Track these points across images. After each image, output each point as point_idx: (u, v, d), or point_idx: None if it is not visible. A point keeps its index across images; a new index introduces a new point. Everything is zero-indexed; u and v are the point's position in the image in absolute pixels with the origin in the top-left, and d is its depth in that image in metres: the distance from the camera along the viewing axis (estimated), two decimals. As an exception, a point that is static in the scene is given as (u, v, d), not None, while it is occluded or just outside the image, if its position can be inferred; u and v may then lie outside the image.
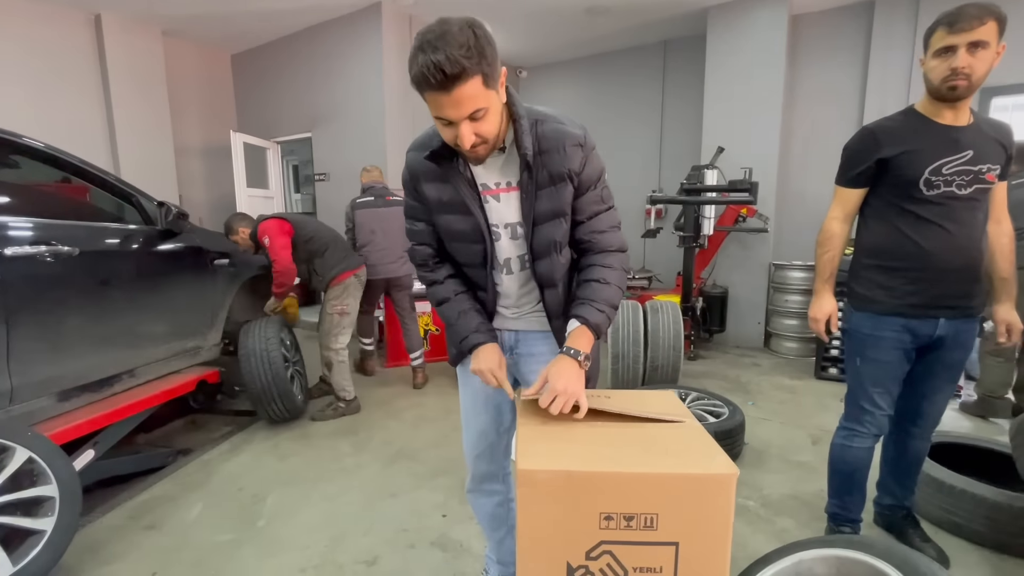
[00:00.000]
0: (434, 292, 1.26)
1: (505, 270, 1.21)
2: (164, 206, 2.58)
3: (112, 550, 1.87)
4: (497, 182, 1.13)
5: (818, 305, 1.70)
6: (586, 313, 1.10)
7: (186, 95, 5.37)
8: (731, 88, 4.47)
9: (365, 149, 4.75)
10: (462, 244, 1.18)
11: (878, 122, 1.58)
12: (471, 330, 1.20)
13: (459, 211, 1.13)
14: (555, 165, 1.07)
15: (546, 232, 1.13)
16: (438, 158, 1.09)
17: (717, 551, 0.88)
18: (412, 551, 1.84)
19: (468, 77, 0.89)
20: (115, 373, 2.35)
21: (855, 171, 1.60)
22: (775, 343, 4.49)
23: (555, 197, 1.10)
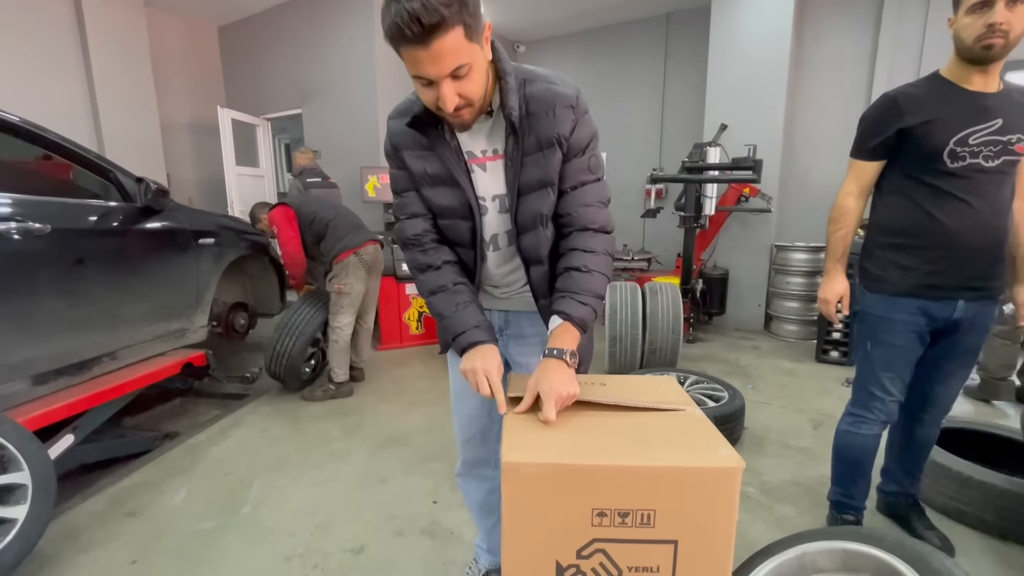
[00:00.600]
0: (427, 279, 1.09)
1: (492, 246, 1.11)
2: (143, 182, 2.47)
3: (92, 537, 1.81)
4: (483, 150, 1.03)
5: (829, 286, 1.61)
6: (568, 308, 0.99)
7: (172, 69, 5.19)
8: (735, 62, 4.32)
9: (358, 125, 4.61)
10: (450, 221, 1.08)
11: (900, 88, 1.46)
12: (471, 325, 1.05)
13: (445, 183, 1.04)
14: (543, 129, 0.97)
15: (532, 204, 1.02)
16: (421, 125, 0.99)
17: (719, 550, 0.81)
18: (400, 539, 1.78)
19: (448, 28, 0.78)
20: (94, 356, 2.27)
21: (873, 142, 1.48)
22: (775, 326, 4.42)
23: (542, 165, 0.99)
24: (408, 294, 4.09)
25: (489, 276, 1.16)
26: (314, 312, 3.16)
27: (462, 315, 1.06)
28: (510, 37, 6.08)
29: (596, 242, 1.03)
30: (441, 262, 1.09)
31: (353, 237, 3.06)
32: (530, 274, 1.11)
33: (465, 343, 1.04)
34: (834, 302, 1.60)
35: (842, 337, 3.60)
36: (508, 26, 5.69)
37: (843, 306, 1.60)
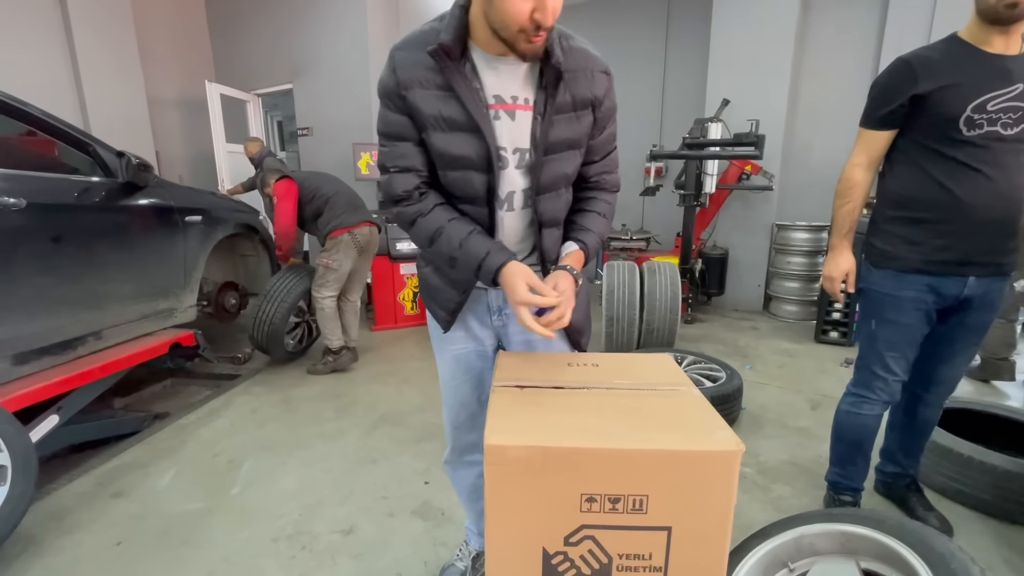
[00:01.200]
0: (421, 227, 0.99)
1: (507, 205, 1.01)
2: (124, 157, 2.38)
3: (77, 518, 1.78)
4: (514, 96, 0.94)
5: (834, 262, 1.54)
6: (586, 238, 1.04)
7: (157, 43, 5.02)
8: (739, 35, 4.18)
9: (350, 101, 4.49)
10: (461, 173, 0.96)
11: (915, 52, 1.38)
12: (487, 249, 0.94)
13: (463, 129, 0.92)
14: (580, 88, 0.94)
15: (557, 164, 0.98)
16: (446, 56, 0.88)
17: (715, 536, 0.77)
18: (391, 520, 1.75)
19: None
20: (78, 335, 2.22)
21: (885, 109, 1.40)
22: (775, 306, 4.37)
23: (574, 125, 0.96)
24: (403, 274, 4.02)
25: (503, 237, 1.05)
26: (297, 280, 3.12)
27: (470, 246, 0.95)
28: (507, 9, 5.90)
29: (613, 198, 1.11)
30: (432, 206, 0.99)
31: (350, 216, 3.00)
32: (542, 237, 1.04)
33: (491, 268, 0.94)
34: (839, 279, 1.53)
35: (842, 318, 3.55)
36: (505, -2, 5.51)
37: (848, 284, 1.54)
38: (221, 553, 1.61)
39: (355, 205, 3.10)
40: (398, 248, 3.94)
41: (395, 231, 3.96)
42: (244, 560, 1.57)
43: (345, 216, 2.99)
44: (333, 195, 3.02)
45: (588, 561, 0.78)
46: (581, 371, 0.95)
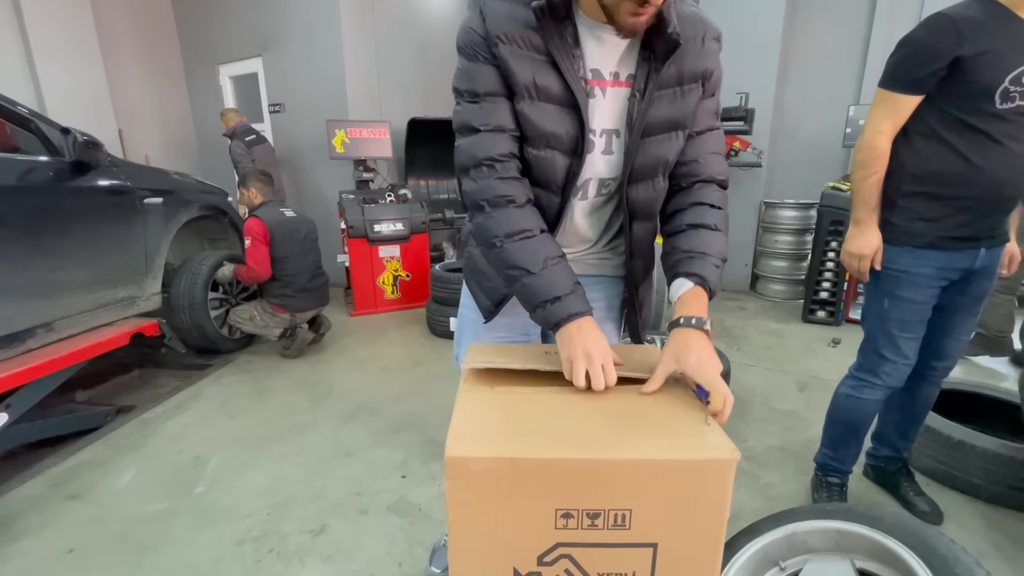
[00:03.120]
0: (504, 217, 0.82)
1: (580, 193, 0.90)
2: (70, 134, 2.20)
3: (27, 523, 1.66)
4: (613, 72, 0.82)
5: (864, 238, 1.39)
6: (703, 270, 0.81)
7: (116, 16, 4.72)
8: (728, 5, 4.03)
9: (322, 77, 4.27)
10: (546, 152, 0.83)
11: (955, 8, 1.22)
12: (567, 290, 0.80)
13: (559, 102, 0.80)
14: (689, 60, 0.81)
15: (656, 148, 0.84)
16: (552, 14, 0.75)
17: (706, 553, 0.68)
18: (365, 517, 1.67)
19: None
20: (26, 328, 2.06)
21: (923, 71, 1.24)
22: (762, 286, 4.33)
23: (678, 103, 0.82)
24: (382, 257, 3.88)
25: (564, 232, 0.95)
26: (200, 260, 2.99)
27: (554, 275, 0.80)
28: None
29: (719, 196, 0.89)
30: (525, 198, 0.84)
31: (300, 302, 3.02)
32: (633, 231, 0.93)
33: (561, 315, 0.79)
34: (870, 257, 1.40)
35: (829, 297, 3.51)
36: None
37: (877, 262, 1.41)
38: (182, 558, 1.51)
39: (312, 287, 3.08)
40: (376, 230, 3.79)
41: (372, 212, 3.81)
42: (206, 565, 1.48)
43: (295, 301, 3.00)
44: (294, 274, 2.98)
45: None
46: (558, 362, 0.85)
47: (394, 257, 3.92)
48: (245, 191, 3.07)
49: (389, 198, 4.04)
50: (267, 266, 2.91)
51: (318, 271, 3.15)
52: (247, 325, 3.01)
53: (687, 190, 0.90)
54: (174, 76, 5.30)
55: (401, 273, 3.98)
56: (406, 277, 4.00)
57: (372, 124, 4.12)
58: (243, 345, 3.23)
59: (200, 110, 5.38)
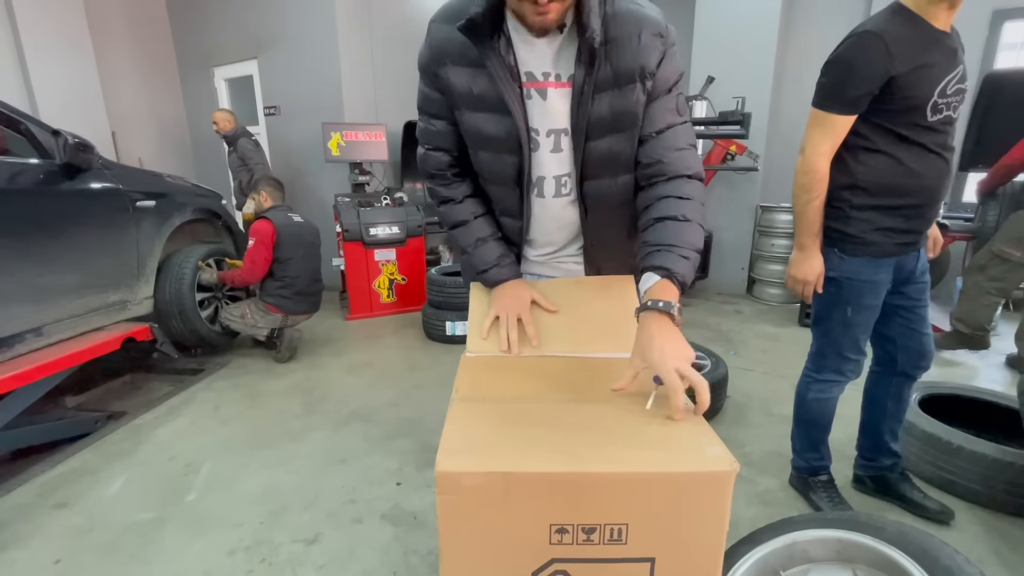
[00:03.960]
0: (448, 212, 1.02)
1: (536, 190, 0.94)
2: (60, 136, 2.17)
3: (12, 533, 1.63)
4: (546, 72, 0.85)
5: (808, 264, 1.42)
6: (667, 262, 0.80)
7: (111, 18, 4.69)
8: (724, 12, 4.04)
9: (318, 79, 4.25)
10: (491, 154, 0.91)
11: (878, 26, 1.22)
12: (491, 263, 0.99)
13: (493, 108, 0.85)
14: (625, 58, 0.80)
15: (602, 147, 0.87)
16: (475, 31, 0.80)
17: (705, 568, 0.66)
18: (359, 526, 1.64)
19: None
20: (15, 332, 2.03)
21: (859, 91, 1.25)
22: (758, 289, 4.33)
23: (619, 101, 0.83)
24: (377, 260, 3.86)
25: (535, 229, 1.01)
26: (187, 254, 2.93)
27: (483, 250, 0.99)
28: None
29: (690, 187, 0.87)
30: (462, 196, 1.01)
31: (296, 304, 3.03)
32: (587, 223, 0.96)
33: (491, 281, 0.99)
34: (815, 282, 1.44)
35: (826, 300, 3.50)
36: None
37: (819, 286, 1.46)
38: (172, 568, 1.48)
39: (309, 292, 3.09)
40: (371, 233, 3.77)
41: (368, 215, 3.79)
42: (196, 575, 1.45)
43: (291, 303, 3.00)
44: (295, 277, 2.99)
45: (560, 599, 0.67)
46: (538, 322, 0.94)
47: (390, 260, 3.90)
48: (256, 195, 3.11)
49: (385, 201, 4.02)
50: (262, 271, 2.90)
51: (316, 278, 3.14)
52: (237, 323, 2.99)
53: (653, 187, 0.89)
54: (169, 78, 5.26)
55: (397, 277, 3.96)
56: (402, 281, 3.98)
57: (368, 127, 4.11)
58: (233, 336, 3.21)
59: (195, 112, 5.35)
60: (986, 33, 3.65)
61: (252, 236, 2.87)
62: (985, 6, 3.61)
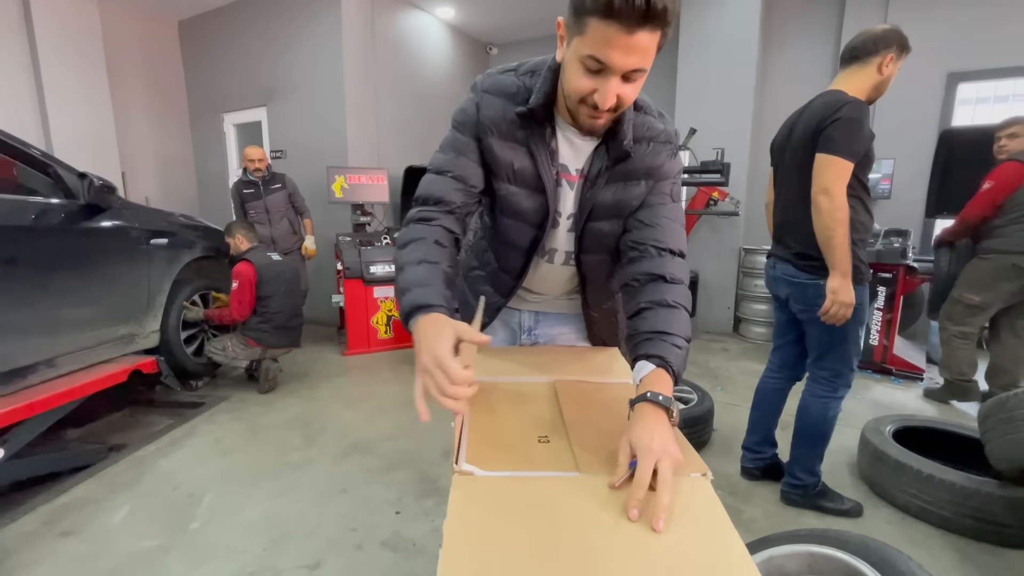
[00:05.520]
0: (411, 230, 0.90)
1: (547, 258, 1.06)
2: (86, 178, 2.32)
3: (19, 560, 1.66)
4: (578, 168, 0.95)
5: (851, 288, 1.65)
6: (664, 352, 0.78)
7: (128, 65, 4.96)
8: (704, 69, 4.38)
9: (324, 125, 4.49)
10: (518, 223, 0.98)
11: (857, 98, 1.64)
12: (421, 283, 0.80)
13: (531, 186, 0.94)
14: (636, 161, 0.92)
15: (600, 228, 0.98)
16: (531, 119, 0.89)
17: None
18: (360, 553, 1.69)
19: (660, 25, 0.71)
20: (29, 363, 2.11)
21: (863, 146, 1.61)
22: (744, 328, 4.48)
23: (623, 192, 0.94)
24: (376, 297, 3.98)
25: (532, 281, 1.10)
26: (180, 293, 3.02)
27: (419, 271, 0.83)
28: (483, 39, 6.05)
29: (678, 269, 0.89)
30: (439, 224, 0.90)
31: (276, 338, 3.16)
32: (586, 290, 1.09)
33: (410, 304, 0.78)
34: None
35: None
36: (481, 28, 5.66)
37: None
38: (177, 594, 1.52)
39: (289, 327, 3.23)
40: (371, 271, 3.91)
41: (368, 254, 3.94)
42: (201, 600, 1.49)
43: (270, 337, 3.14)
44: (275, 312, 3.14)
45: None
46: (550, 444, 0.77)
47: (388, 297, 4.02)
48: (232, 239, 3.20)
49: (385, 241, 4.19)
50: (248, 310, 3.06)
51: (296, 313, 3.29)
52: (219, 355, 3.11)
53: (637, 261, 0.91)
54: (179, 122, 5.51)
55: (394, 313, 4.07)
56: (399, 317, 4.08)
57: (370, 171, 4.32)
58: (216, 367, 3.33)
59: (202, 155, 5.56)
60: (943, 93, 3.99)
61: (235, 278, 3.02)
62: (941, 70, 3.96)
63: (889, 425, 2.18)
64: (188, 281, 3.08)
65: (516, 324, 1.19)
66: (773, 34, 4.50)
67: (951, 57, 3.92)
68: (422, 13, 5.15)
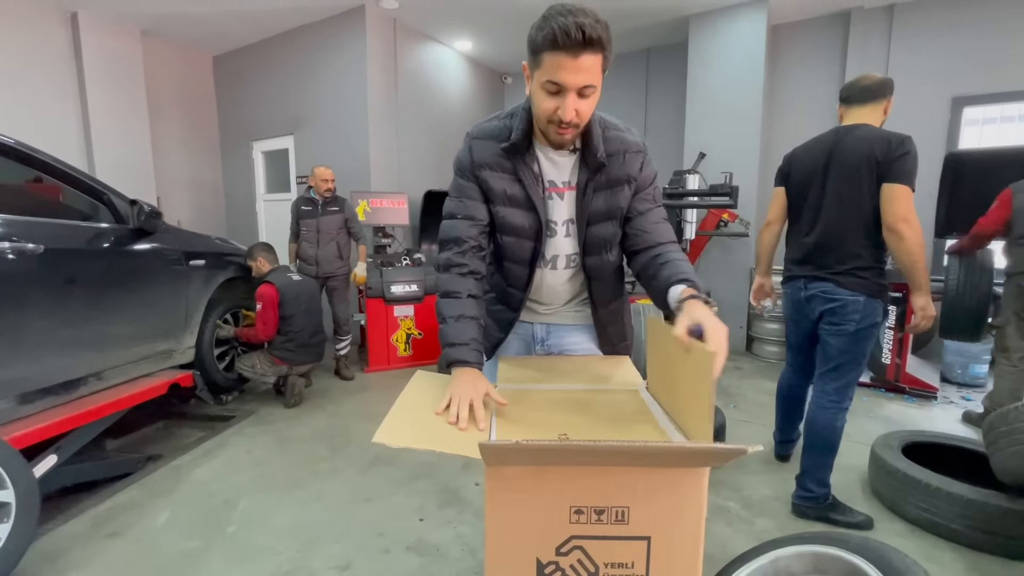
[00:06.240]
0: (448, 280, 1.12)
1: (551, 265, 1.19)
2: (136, 204, 2.52)
3: (72, 558, 1.79)
4: (565, 181, 1.13)
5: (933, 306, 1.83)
6: (694, 278, 0.98)
7: (166, 96, 5.28)
8: (713, 95, 4.53)
9: (348, 152, 4.71)
10: (516, 239, 1.15)
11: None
12: (463, 340, 1.06)
13: (523, 206, 1.12)
14: (615, 169, 1.10)
15: (598, 231, 1.14)
16: (515, 150, 1.08)
17: (689, 545, 0.86)
18: (387, 556, 1.79)
19: (599, 49, 0.91)
20: (81, 376, 2.27)
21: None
22: (757, 347, 4.52)
23: (611, 199, 1.11)
24: (396, 316, 4.13)
25: (540, 291, 1.24)
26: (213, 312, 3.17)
27: (459, 327, 1.07)
28: (498, 69, 6.30)
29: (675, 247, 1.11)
30: (468, 271, 1.12)
31: (300, 355, 3.32)
32: (592, 288, 1.22)
33: (452, 358, 1.05)
34: None
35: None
36: (495, 58, 5.91)
37: None
38: (218, 591, 1.63)
39: (312, 344, 3.37)
40: (392, 291, 4.06)
41: (389, 274, 4.10)
42: (241, 597, 1.60)
43: (295, 355, 3.30)
44: (298, 331, 3.28)
45: (577, 570, 0.87)
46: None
47: (408, 316, 4.16)
48: (254, 262, 3.33)
49: (405, 261, 4.35)
50: (273, 330, 3.19)
51: (318, 329, 3.43)
52: (248, 371, 3.27)
53: (647, 250, 1.11)
54: (211, 149, 5.81)
55: (414, 331, 4.21)
56: (418, 335, 4.22)
57: (392, 195, 4.51)
58: (244, 382, 3.49)
59: (231, 181, 5.84)
60: (948, 117, 4.08)
61: (259, 300, 3.15)
62: (946, 95, 4.06)
63: (899, 441, 2.23)
64: (221, 300, 3.25)
65: (530, 336, 1.30)
66: (780, 61, 4.66)
67: (955, 82, 4.02)
68: (441, 46, 5.41)
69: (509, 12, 4.56)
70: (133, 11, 4.48)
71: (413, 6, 4.50)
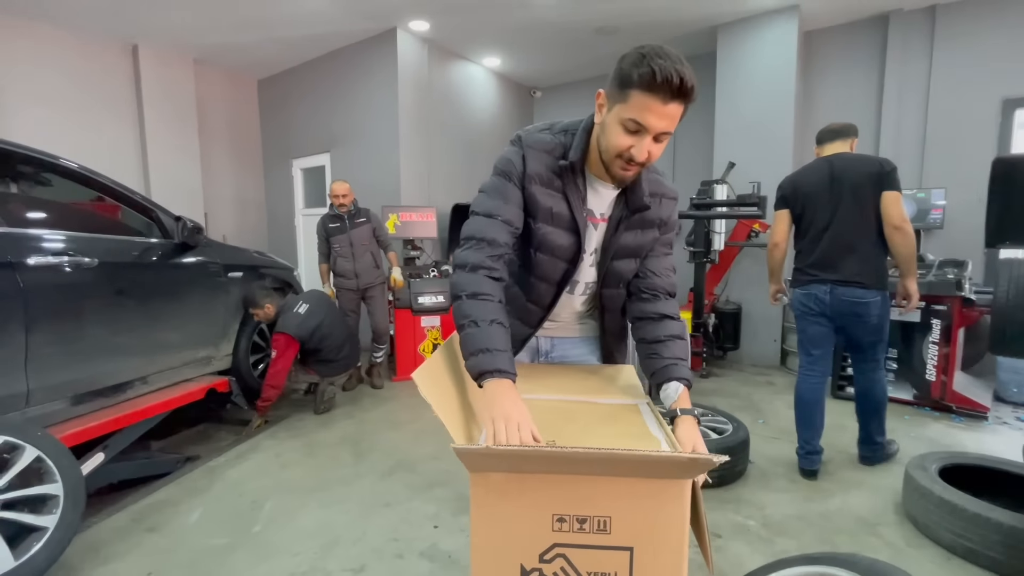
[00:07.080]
0: (474, 279, 1.02)
1: (570, 288, 1.21)
2: (181, 220, 2.70)
3: (112, 550, 1.92)
4: (603, 213, 1.14)
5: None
6: (686, 375, 1.08)
7: (215, 118, 5.64)
8: (742, 104, 4.45)
9: (381, 167, 4.89)
10: (551, 259, 1.14)
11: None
12: (499, 347, 0.96)
13: (565, 227, 1.11)
14: (650, 212, 1.13)
15: (620, 266, 1.17)
16: (569, 171, 1.08)
17: (673, 558, 0.86)
18: (400, 560, 1.83)
19: (688, 100, 0.93)
20: (128, 380, 2.45)
21: None
22: (792, 361, 4.36)
23: (640, 238, 1.14)
24: (423, 327, 4.22)
25: (554, 310, 1.25)
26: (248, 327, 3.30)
27: (494, 331, 0.97)
28: (527, 84, 6.40)
29: (674, 307, 1.17)
30: (498, 276, 1.04)
31: (330, 368, 3.42)
32: (604, 319, 1.27)
33: (488, 366, 0.94)
34: None
35: (858, 373, 3.53)
36: (525, 74, 6.01)
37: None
38: (241, 586, 1.71)
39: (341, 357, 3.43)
40: (420, 302, 4.16)
41: (418, 286, 4.21)
42: (261, 594, 1.67)
43: (326, 367, 3.40)
44: (328, 349, 3.33)
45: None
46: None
47: (435, 327, 4.25)
48: (260, 311, 3.18)
49: (433, 273, 4.45)
50: (282, 380, 3.18)
51: (346, 340, 3.47)
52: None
53: (651, 301, 1.16)
54: (254, 168, 6.14)
55: (440, 341, 4.28)
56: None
57: (421, 209, 4.65)
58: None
59: (273, 197, 6.15)
60: (998, 120, 3.86)
61: (274, 348, 3.13)
62: (995, 96, 3.85)
63: (936, 462, 2.11)
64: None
65: (535, 349, 1.33)
66: (814, 67, 4.54)
67: (1005, 83, 3.81)
68: (470, 63, 5.56)
69: (537, 28, 4.64)
70: (187, 42, 4.83)
71: (442, 27, 4.65)
